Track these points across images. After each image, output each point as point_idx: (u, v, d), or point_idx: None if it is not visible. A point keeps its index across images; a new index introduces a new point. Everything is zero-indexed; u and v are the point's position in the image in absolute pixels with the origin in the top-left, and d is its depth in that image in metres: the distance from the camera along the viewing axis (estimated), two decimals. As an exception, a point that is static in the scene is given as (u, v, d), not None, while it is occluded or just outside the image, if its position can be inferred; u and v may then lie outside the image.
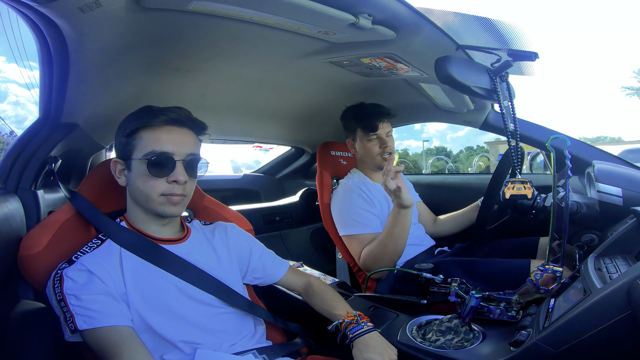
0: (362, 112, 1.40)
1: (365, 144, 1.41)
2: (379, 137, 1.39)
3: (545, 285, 0.88)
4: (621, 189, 0.96)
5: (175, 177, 0.77)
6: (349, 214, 1.34)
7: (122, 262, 0.77)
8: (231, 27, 0.87)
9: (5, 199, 0.79)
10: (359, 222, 1.32)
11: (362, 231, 1.31)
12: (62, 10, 0.62)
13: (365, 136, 1.40)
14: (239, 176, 2.38)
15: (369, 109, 1.39)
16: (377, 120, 1.37)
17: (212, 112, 1.46)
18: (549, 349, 0.68)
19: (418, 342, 0.87)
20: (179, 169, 0.78)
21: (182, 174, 0.78)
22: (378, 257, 1.23)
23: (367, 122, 1.38)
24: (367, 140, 1.40)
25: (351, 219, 1.33)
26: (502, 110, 0.96)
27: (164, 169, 0.77)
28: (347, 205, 1.35)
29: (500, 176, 1.18)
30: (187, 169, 0.79)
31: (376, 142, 1.39)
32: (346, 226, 1.35)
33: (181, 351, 0.76)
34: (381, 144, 1.39)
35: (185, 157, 0.79)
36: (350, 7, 0.80)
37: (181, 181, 0.77)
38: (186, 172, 0.79)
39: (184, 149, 0.79)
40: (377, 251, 1.23)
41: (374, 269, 1.25)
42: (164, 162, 0.77)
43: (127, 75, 1.01)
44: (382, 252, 1.22)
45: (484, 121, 1.54)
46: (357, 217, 1.32)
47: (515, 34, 0.92)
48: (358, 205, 1.33)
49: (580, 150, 1.28)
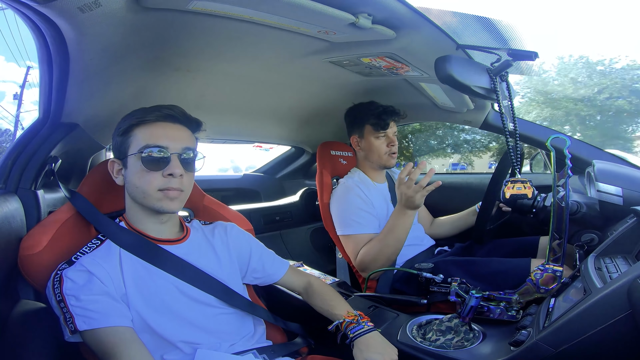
0: (375, 109, 1.39)
1: (372, 141, 1.41)
2: (387, 136, 1.39)
3: (545, 284, 0.88)
4: (621, 189, 0.95)
5: (171, 170, 0.76)
6: (346, 213, 1.34)
7: (122, 263, 0.77)
8: (231, 27, 0.87)
9: (5, 199, 0.79)
10: (356, 222, 1.31)
11: (358, 231, 1.31)
12: (61, 10, 0.62)
13: (374, 133, 1.40)
14: (239, 176, 2.38)
15: (381, 106, 1.40)
16: (389, 118, 1.38)
17: (212, 111, 1.46)
18: (549, 348, 0.68)
19: (418, 341, 0.87)
20: (174, 162, 0.77)
21: (178, 167, 0.77)
22: (377, 257, 1.23)
23: (379, 118, 1.38)
24: (375, 138, 1.40)
25: (349, 218, 1.33)
26: (501, 110, 0.96)
27: (159, 163, 0.76)
28: (345, 205, 1.35)
29: (500, 176, 1.18)
30: (182, 162, 0.78)
31: (384, 141, 1.40)
32: (343, 226, 1.35)
33: (181, 351, 0.76)
34: (389, 142, 1.40)
35: (181, 150, 0.78)
36: (350, 7, 0.80)
37: (177, 174, 0.77)
38: (182, 165, 0.78)
39: (178, 143, 0.79)
40: (377, 250, 1.23)
41: (370, 269, 1.25)
42: (159, 156, 0.76)
43: (127, 75, 1.01)
44: (382, 251, 1.22)
45: (484, 121, 1.54)
46: (355, 217, 1.32)
47: (515, 34, 0.92)
48: (356, 205, 1.33)
49: (580, 150, 1.28)
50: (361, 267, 1.29)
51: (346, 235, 1.34)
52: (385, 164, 1.43)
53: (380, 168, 1.45)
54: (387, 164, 1.43)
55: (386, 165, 1.43)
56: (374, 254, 1.24)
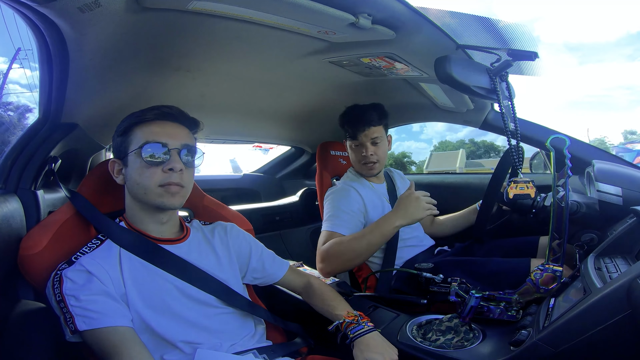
0: (347, 118, 1.38)
1: (350, 151, 1.41)
2: (362, 145, 1.36)
3: (545, 284, 0.88)
4: (621, 189, 0.95)
5: (171, 165, 0.77)
6: (328, 210, 1.33)
7: (122, 262, 0.77)
8: (231, 27, 0.87)
9: (5, 199, 0.79)
10: (331, 221, 1.28)
11: (331, 229, 1.26)
12: (61, 10, 0.62)
13: (349, 142, 1.40)
14: (239, 176, 2.38)
15: (354, 115, 1.36)
16: (359, 127, 1.34)
17: (212, 112, 1.46)
18: (549, 348, 0.68)
19: (418, 341, 0.87)
20: (173, 157, 0.78)
21: (177, 162, 0.78)
22: (344, 251, 1.16)
23: (349, 128, 1.36)
24: (350, 148, 1.40)
25: (329, 216, 1.31)
26: (502, 110, 0.96)
27: (159, 158, 0.77)
28: (329, 203, 1.34)
29: (501, 176, 1.18)
30: (182, 158, 0.79)
31: (358, 150, 1.37)
32: (324, 221, 1.32)
33: (181, 351, 0.76)
34: (363, 152, 1.36)
35: (180, 147, 0.79)
36: (350, 7, 0.80)
37: (177, 169, 0.78)
38: (181, 160, 0.79)
39: (177, 139, 0.80)
40: (347, 245, 1.17)
41: (330, 262, 1.18)
42: (158, 151, 0.77)
43: (127, 75, 1.01)
44: (350, 246, 1.16)
45: (484, 121, 1.54)
46: (333, 217, 1.28)
47: (515, 34, 0.92)
48: (338, 205, 1.31)
49: (580, 150, 1.28)
50: (322, 256, 1.20)
51: (323, 230, 1.29)
52: (361, 172, 1.41)
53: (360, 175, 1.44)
54: (363, 172, 1.41)
55: (363, 173, 1.41)
56: (342, 249, 1.17)
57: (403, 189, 1.52)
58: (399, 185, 1.52)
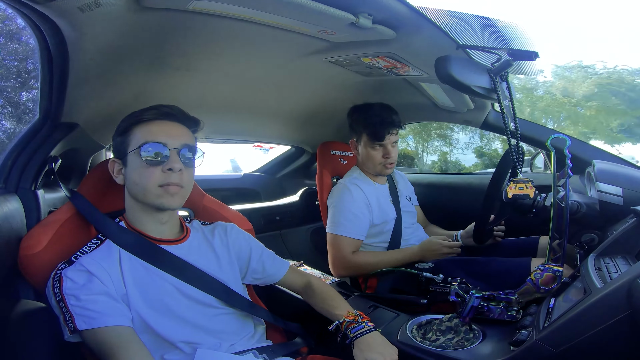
0: (371, 119, 1.35)
1: (368, 151, 1.38)
2: (384, 147, 1.36)
3: (546, 284, 0.88)
4: (621, 189, 0.95)
5: (170, 165, 0.77)
6: (337, 212, 1.34)
7: (122, 263, 0.77)
8: (231, 27, 0.87)
9: (5, 199, 0.79)
10: (342, 224, 1.32)
11: (343, 233, 1.31)
12: (61, 9, 0.62)
13: (369, 143, 1.37)
14: (239, 176, 2.38)
15: (379, 116, 1.34)
16: (386, 130, 1.33)
17: (212, 111, 1.46)
18: (549, 348, 0.68)
19: (418, 341, 0.87)
20: (173, 157, 0.77)
21: (177, 162, 0.77)
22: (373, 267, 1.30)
23: (375, 130, 1.34)
24: (370, 148, 1.37)
25: (338, 218, 1.33)
26: (502, 110, 0.96)
27: (158, 158, 0.77)
28: (338, 204, 1.35)
29: (501, 176, 1.18)
30: (181, 158, 0.79)
31: (380, 151, 1.37)
32: (332, 224, 1.35)
33: (181, 351, 0.76)
34: (385, 153, 1.36)
35: (179, 146, 0.79)
36: (351, 7, 0.80)
37: (176, 169, 0.77)
38: (181, 160, 0.78)
39: (177, 140, 0.79)
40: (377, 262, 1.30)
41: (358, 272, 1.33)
42: (158, 151, 0.77)
43: (127, 74, 1.01)
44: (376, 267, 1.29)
45: (484, 121, 1.54)
46: (343, 219, 1.32)
47: (515, 34, 0.92)
48: (347, 207, 1.32)
49: (580, 150, 1.28)
50: (346, 265, 1.32)
51: (332, 234, 1.34)
52: (380, 173, 1.41)
53: (375, 175, 1.44)
54: (382, 173, 1.41)
55: (381, 173, 1.42)
56: (374, 263, 1.31)
57: (404, 190, 1.52)
58: (400, 188, 1.52)
